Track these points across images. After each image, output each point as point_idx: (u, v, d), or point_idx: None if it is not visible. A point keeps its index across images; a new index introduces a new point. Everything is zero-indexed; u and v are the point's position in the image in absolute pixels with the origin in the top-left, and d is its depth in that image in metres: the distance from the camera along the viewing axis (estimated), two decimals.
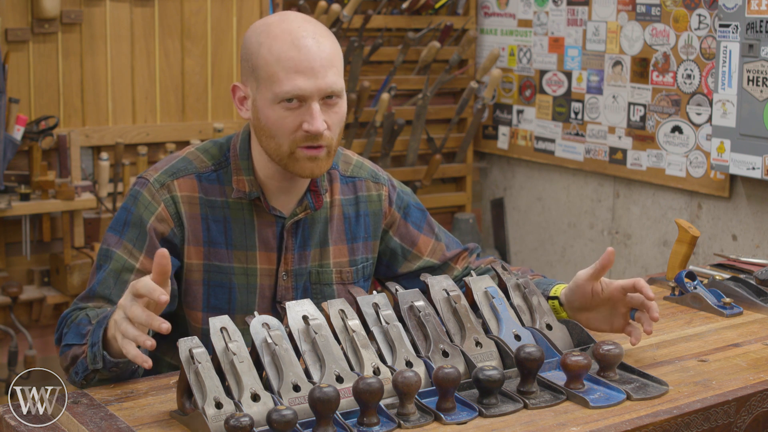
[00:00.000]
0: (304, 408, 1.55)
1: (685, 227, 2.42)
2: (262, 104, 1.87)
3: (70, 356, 1.78)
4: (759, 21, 3.39)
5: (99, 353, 1.69)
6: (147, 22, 3.93)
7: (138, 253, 1.89)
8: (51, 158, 3.77)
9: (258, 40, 1.87)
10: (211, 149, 2.00)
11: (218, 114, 4.11)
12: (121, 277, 1.87)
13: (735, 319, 2.15)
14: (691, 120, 3.81)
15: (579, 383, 1.68)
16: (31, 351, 3.69)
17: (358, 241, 2.08)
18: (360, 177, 2.10)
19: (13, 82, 3.63)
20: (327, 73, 1.85)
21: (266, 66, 1.84)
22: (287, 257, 2.00)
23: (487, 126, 4.80)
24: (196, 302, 1.95)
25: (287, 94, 1.83)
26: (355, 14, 4.24)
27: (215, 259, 1.95)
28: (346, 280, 2.07)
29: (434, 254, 2.16)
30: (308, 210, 1.99)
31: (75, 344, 1.77)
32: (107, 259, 1.90)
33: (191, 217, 1.93)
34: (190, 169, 1.96)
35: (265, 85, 1.85)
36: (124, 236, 1.91)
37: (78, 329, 1.78)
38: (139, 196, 1.93)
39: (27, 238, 3.69)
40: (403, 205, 2.15)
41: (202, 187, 1.95)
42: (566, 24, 4.32)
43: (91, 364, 1.71)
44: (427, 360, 1.71)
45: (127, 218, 1.92)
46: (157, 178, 1.94)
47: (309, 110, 1.84)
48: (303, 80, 1.82)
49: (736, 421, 1.69)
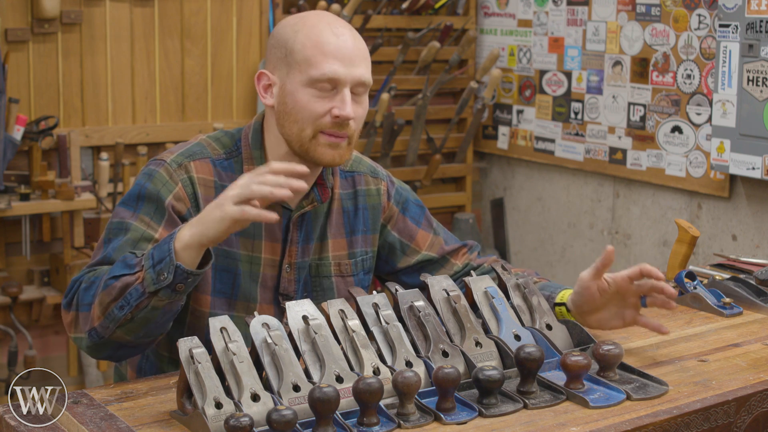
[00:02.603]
0: (304, 408, 1.55)
1: (685, 227, 2.42)
2: (292, 87, 1.90)
3: (119, 287, 1.70)
4: (759, 21, 3.39)
5: (171, 265, 1.65)
6: (147, 22, 3.93)
7: (156, 225, 1.86)
8: (51, 158, 3.77)
9: (294, 29, 1.92)
10: (222, 138, 2.02)
11: (218, 114, 4.11)
12: (138, 245, 1.83)
13: (735, 319, 2.15)
14: (691, 120, 3.81)
15: (579, 383, 1.68)
16: (31, 351, 3.69)
17: (357, 234, 2.10)
18: (359, 171, 2.13)
19: (13, 82, 3.63)
20: (361, 64, 1.91)
21: (303, 49, 1.88)
22: (291, 250, 2.01)
23: (487, 126, 4.80)
24: (205, 285, 1.95)
25: (323, 77, 1.87)
26: (355, 14, 4.24)
27: (224, 244, 1.95)
28: (344, 273, 2.08)
29: (432, 248, 2.18)
30: (315, 203, 2.01)
31: (125, 274, 1.70)
32: (121, 230, 1.85)
33: (207, 199, 1.92)
34: (205, 153, 1.97)
35: (299, 68, 1.89)
36: (139, 210, 1.88)
37: (125, 262, 1.72)
38: (154, 173, 1.91)
39: (27, 238, 3.69)
40: (402, 200, 2.18)
41: (216, 172, 1.96)
42: (566, 24, 4.32)
43: (152, 285, 1.66)
44: (427, 360, 1.71)
45: (140, 193, 1.89)
46: (174, 159, 1.94)
47: (341, 96, 1.88)
48: (339, 65, 1.87)
49: (736, 421, 1.69)
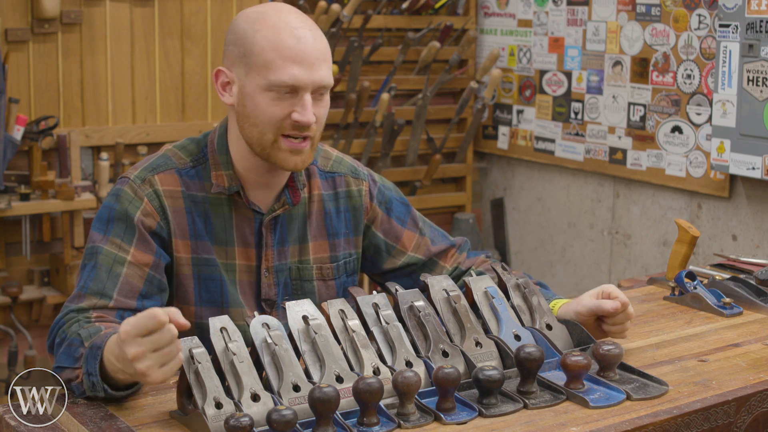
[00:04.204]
0: (304, 408, 1.55)
1: (685, 227, 2.42)
2: (251, 90, 1.86)
3: (65, 378, 1.70)
4: (759, 21, 3.39)
5: (99, 385, 1.62)
6: (147, 22, 3.93)
7: (127, 246, 1.85)
8: (51, 158, 3.77)
9: (253, 27, 1.86)
10: (188, 146, 1.99)
11: (218, 114, 4.10)
12: (113, 271, 1.82)
13: (735, 319, 2.15)
14: (691, 120, 3.81)
15: (579, 383, 1.68)
16: (31, 351, 3.69)
17: (340, 237, 2.07)
18: (339, 173, 2.09)
19: (13, 82, 3.63)
20: (322, 66, 1.86)
21: (262, 52, 1.84)
22: (267, 254, 1.98)
23: (487, 126, 4.80)
24: (188, 296, 1.94)
25: (282, 83, 1.83)
26: (355, 14, 4.23)
27: (203, 252, 1.93)
28: (326, 277, 2.05)
29: (418, 249, 2.15)
30: (286, 206, 1.98)
31: (67, 367, 1.69)
32: (94, 255, 1.85)
33: (175, 210, 1.91)
34: (169, 164, 1.94)
35: (257, 71, 1.84)
36: (109, 232, 1.86)
37: (69, 351, 1.70)
38: (120, 192, 1.90)
39: (27, 238, 3.69)
40: (385, 200, 2.14)
41: (183, 182, 1.93)
42: (566, 24, 4.32)
43: (90, 391, 1.64)
44: (427, 360, 1.71)
45: (110, 215, 1.88)
46: (137, 174, 1.92)
47: (301, 101, 1.84)
48: (299, 70, 1.83)
49: (736, 421, 1.69)
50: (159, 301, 1.87)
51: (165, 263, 1.89)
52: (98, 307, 1.79)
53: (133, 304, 1.81)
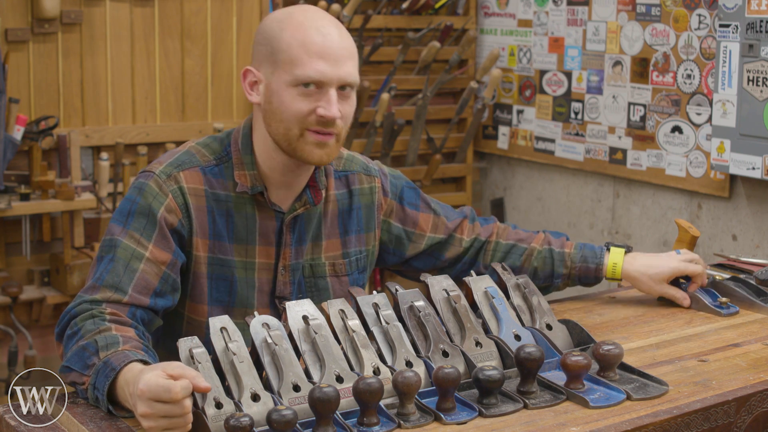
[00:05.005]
0: (304, 408, 1.55)
1: (685, 227, 2.42)
2: (277, 87, 1.88)
3: (69, 379, 1.69)
4: (759, 21, 3.38)
5: (104, 404, 1.61)
6: (147, 22, 3.93)
7: (146, 241, 1.86)
8: (51, 158, 3.76)
9: (280, 26, 1.90)
10: (212, 144, 2.00)
11: (218, 114, 4.10)
12: (130, 265, 1.83)
13: (735, 319, 2.15)
14: (691, 120, 3.81)
15: (579, 383, 1.68)
16: (31, 351, 3.69)
17: (351, 234, 2.10)
18: (352, 171, 2.12)
19: (13, 82, 3.63)
20: (347, 62, 1.89)
21: (289, 49, 1.86)
22: (285, 252, 2.00)
23: (487, 126, 4.80)
24: (202, 295, 1.95)
25: (308, 78, 1.85)
26: (355, 14, 4.23)
27: (219, 253, 1.95)
28: (339, 273, 2.08)
29: (437, 229, 2.19)
30: (307, 205, 2.00)
31: (76, 371, 1.67)
32: (112, 248, 1.85)
33: (198, 209, 1.92)
34: (194, 162, 1.96)
35: (284, 68, 1.87)
36: (129, 226, 1.87)
37: (82, 355, 1.67)
38: (145, 187, 1.90)
39: (27, 238, 3.69)
40: (398, 191, 2.18)
41: (207, 180, 1.95)
42: (566, 24, 4.31)
43: (92, 402, 1.64)
44: (427, 360, 1.71)
45: (131, 208, 1.89)
46: (162, 170, 1.92)
47: (326, 96, 1.87)
48: (325, 65, 1.85)
49: (736, 421, 1.69)
50: (171, 300, 1.88)
51: (181, 263, 1.90)
52: (112, 301, 1.79)
53: (147, 301, 1.82)
